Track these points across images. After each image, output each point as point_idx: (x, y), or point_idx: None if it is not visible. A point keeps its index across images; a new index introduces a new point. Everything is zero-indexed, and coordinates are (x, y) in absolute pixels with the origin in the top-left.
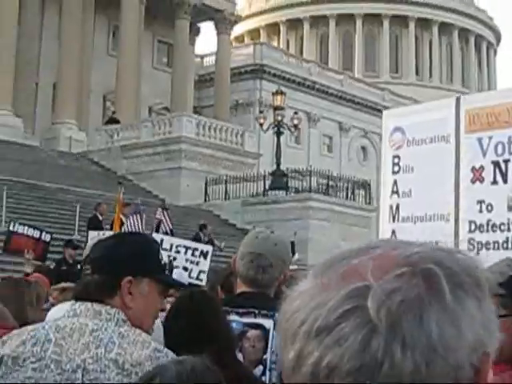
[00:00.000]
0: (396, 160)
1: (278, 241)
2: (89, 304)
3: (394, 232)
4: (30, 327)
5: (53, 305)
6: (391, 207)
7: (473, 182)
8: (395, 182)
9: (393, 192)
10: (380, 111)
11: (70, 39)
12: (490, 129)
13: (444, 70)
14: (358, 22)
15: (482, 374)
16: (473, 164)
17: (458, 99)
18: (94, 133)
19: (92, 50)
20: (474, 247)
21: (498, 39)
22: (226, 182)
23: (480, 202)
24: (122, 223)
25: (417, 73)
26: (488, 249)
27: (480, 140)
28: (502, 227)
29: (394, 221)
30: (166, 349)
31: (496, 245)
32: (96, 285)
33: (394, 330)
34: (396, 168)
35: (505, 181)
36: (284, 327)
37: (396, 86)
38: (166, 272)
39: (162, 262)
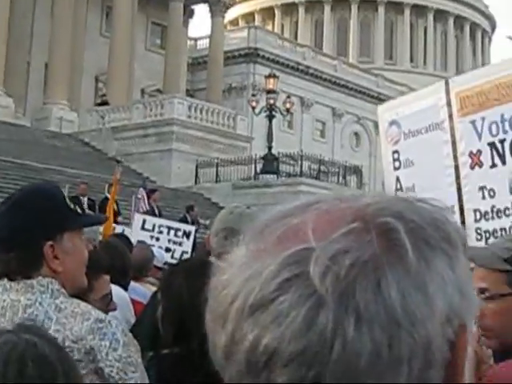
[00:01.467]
0: (396, 156)
1: (254, 216)
2: (18, 278)
3: None
4: None
5: None
6: None
7: (472, 167)
8: (398, 179)
9: (397, 189)
10: (374, 97)
11: (63, 19)
12: (481, 109)
13: (438, 57)
14: (354, 8)
15: (459, 352)
16: (470, 149)
17: (446, 82)
18: (86, 114)
19: (85, 30)
20: (481, 236)
21: (493, 27)
22: (217, 164)
23: (482, 189)
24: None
25: (411, 59)
26: (496, 237)
27: (473, 123)
28: (507, 212)
29: None
30: (108, 317)
31: (504, 232)
32: (18, 262)
33: (344, 301)
34: (397, 164)
35: (503, 162)
36: (212, 306)
37: (390, 72)
38: (78, 210)
39: (70, 205)
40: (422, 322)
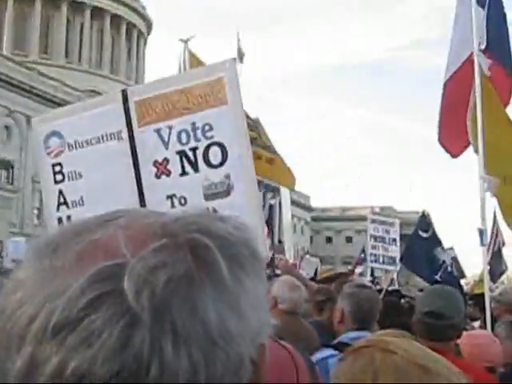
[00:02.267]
0: (57, 168)
1: None
2: None
3: None
4: None
5: None
6: (61, 220)
7: (158, 176)
8: (61, 193)
9: (60, 204)
10: (26, 91)
11: None
12: (168, 118)
13: (94, 55)
14: (10, 0)
15: (260, 371)
16: (155, 158)
17: (124, 92)
18: None
19: None
20: None
21: (150, 29)
22: None
23: (171, 197)
24: None
25: (67, 55)
26: None
27: (158, 131)
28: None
29: None
30: None
31: None
32: None
33: (161, 319)
34: (59, 177)
35: (196, 169)
36: (2, 330)
37: (45, 66)
38: None
39: None
40: (236, 341)
